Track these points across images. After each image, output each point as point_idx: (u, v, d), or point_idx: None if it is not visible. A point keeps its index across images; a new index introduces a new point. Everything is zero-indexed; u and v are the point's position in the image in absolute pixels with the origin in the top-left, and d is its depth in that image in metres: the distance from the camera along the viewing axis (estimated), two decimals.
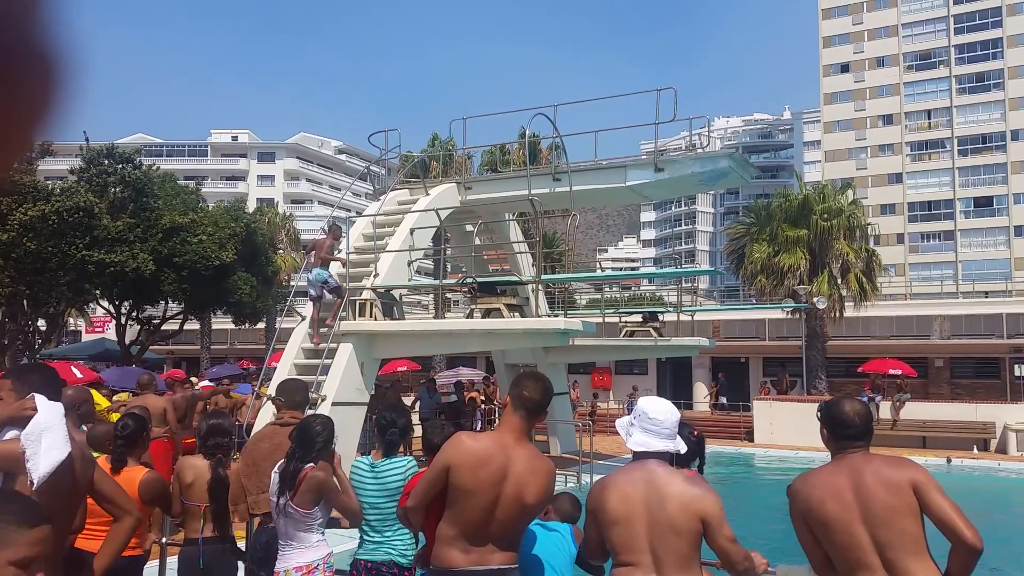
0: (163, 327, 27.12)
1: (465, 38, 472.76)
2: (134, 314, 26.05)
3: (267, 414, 12.17)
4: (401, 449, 4.86)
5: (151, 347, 28.17)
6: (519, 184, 15.08)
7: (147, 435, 4.93)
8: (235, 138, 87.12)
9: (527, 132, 22.06)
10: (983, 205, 62.52)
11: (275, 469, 4.25)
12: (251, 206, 41.59)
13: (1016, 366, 26.84)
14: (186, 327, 28.56)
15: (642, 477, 3.14)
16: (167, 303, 26.15)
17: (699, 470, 4.00)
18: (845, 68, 67.80)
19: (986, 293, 45.21)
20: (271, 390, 12.56)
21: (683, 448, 3.31)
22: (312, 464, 4.13)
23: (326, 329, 12.56)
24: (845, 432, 3.25)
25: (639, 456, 3.24)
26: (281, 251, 38.76)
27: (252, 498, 4.79)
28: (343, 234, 13.37)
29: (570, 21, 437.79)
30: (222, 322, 35.10)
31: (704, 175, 14.49)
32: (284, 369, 12.69)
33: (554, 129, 14.91)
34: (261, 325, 33.92)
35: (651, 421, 3.22)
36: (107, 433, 4.89)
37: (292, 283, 29.48)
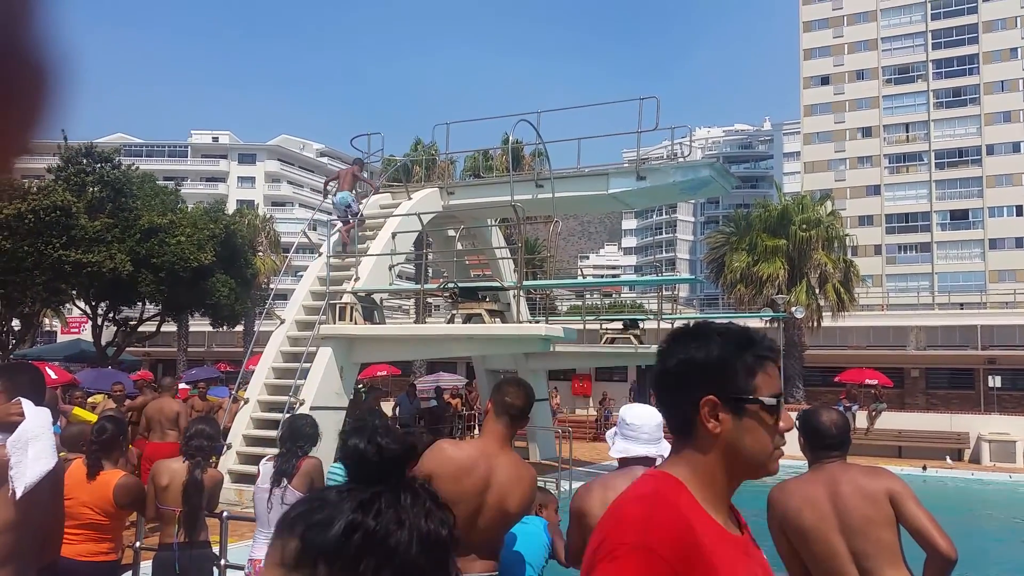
0: (140, 329, 26.80)
1: (448, 45, 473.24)
2: (111, 315, 25.74)
3: (244, 417, 12.08)
4: None
5: (127, 349, 27.84)
6: (502, 190, 15.06)
7: (124, 438, 4.88)
8: (216, 139, 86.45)
9: (510, 138, 22.07)
10: (959, 218, 63.39)
11: (264, 461, 4.46)
12: (231, 208, 41.23)
13: (990, 377, 27.18)
14: (163, 329, 28.22)
15: (624, 484, 3.12)
16: (144, 304, 25.86)
17: None
18: (825, 80, 68.53)
19: (961, 305, 45.77)
20: (248, 393, 12.49)
21: (667, 453, 3.31)
22: (304, 455, 4.45)
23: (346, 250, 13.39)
24: (823, 442, 3.27)
25: (624, 463, 3.25)
26: (260, 253, 38.45)
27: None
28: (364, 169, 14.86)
29: (553, 32, 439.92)
30: (200, 324, 34.75)
31: (685, 184, 14.56)
32: (262, 372, 12.60)
33: (537, 136, 14.92)
34: (239, 328, 33.63)
35: (629, 427, 3.23)
36: (81, 434, 4.82)
37: (271, 286, 29.26)
